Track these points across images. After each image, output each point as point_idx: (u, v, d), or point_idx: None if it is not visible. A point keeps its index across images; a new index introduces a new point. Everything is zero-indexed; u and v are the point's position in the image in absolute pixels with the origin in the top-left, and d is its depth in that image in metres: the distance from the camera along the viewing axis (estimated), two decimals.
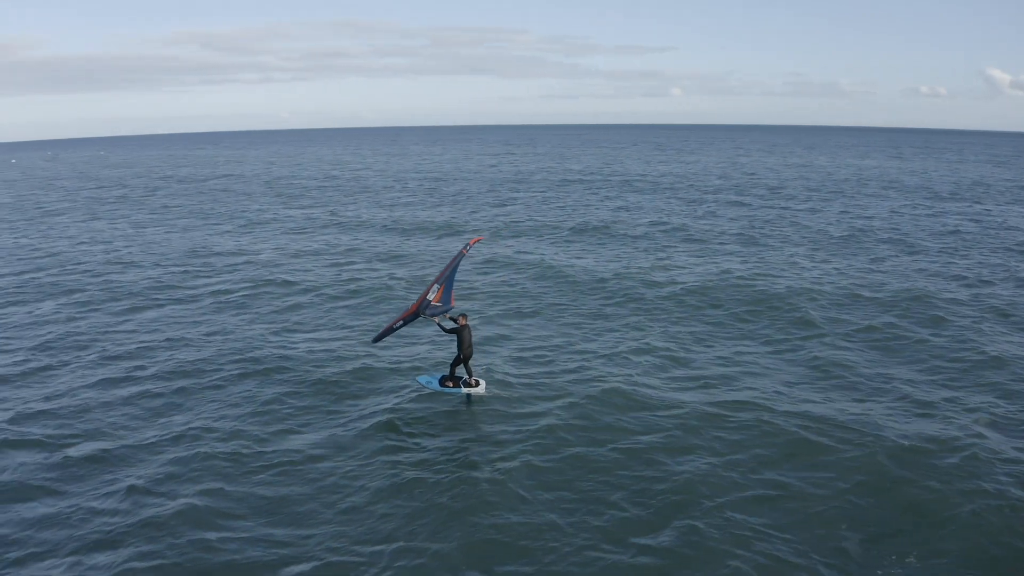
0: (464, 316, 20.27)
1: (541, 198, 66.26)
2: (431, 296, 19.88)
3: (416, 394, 20.67)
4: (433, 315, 20.03)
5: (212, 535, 14.16)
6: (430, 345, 24.91)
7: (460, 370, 20.63)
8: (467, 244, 20.95)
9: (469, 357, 20.22)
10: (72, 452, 17.85)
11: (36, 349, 25.76)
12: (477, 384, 20.48)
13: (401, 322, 20.28)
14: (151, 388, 21.80)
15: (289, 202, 68.13)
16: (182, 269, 38.21)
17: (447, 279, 20.18)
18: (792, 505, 14.96)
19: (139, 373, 23.02)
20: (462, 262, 21.19)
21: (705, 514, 14.52)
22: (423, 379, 20.97)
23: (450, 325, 20.20)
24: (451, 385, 20.42)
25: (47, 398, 21.20)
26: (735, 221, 51.09)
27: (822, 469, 16.26)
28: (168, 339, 26.24)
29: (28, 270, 39.23)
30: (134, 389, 21.73)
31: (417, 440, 18.26)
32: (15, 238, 50.99)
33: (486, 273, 35.69)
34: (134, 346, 25.62)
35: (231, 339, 26.00)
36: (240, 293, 32.63)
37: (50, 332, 27.51)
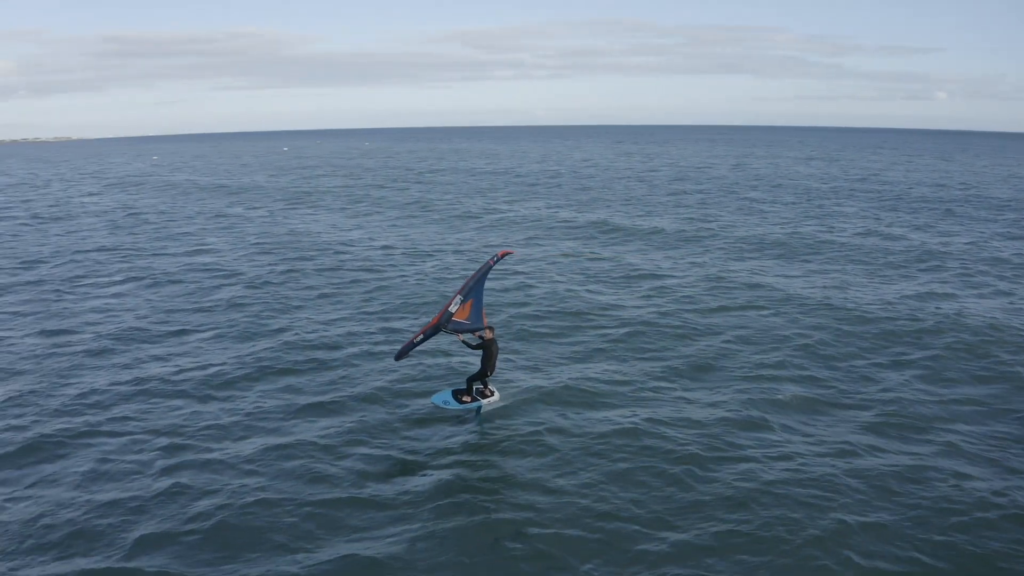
0: (491, 330, 19.19)
1: (764, 204, 64.70)
2: (453, 309, 18.69)
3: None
4: (458, 331, 19.03)
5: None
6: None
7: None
8: (495, 256, 19.58)
9: (492, 372, 19.33)
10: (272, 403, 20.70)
11: (270, 312, 29.73)
12: (492, 394, 19.74)
13: (421, 336, 18.92)
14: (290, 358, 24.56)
15: (518, 197, 70.99)
16: (396, 257, 41.64)
17: (475, 293, 19.02)
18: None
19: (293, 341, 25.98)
20: (489, 276, 19.95)
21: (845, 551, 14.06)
22: (439, 399, 19.72)
23: (475, 341, 19.22)
24: (468, 400, 19.42)
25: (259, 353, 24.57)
26: (993, 240, 46.96)
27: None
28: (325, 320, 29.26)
29: (280, 246, 44.35)
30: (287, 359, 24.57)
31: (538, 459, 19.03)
32: (269, 221, 57.45)
33: (683, 282, 35.64)
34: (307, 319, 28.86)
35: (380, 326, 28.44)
36: (423, 285, 34.92)
37: (284, 303, 31.49)
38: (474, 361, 21.42)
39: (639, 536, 14.38)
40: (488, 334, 18.92)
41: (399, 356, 19.37)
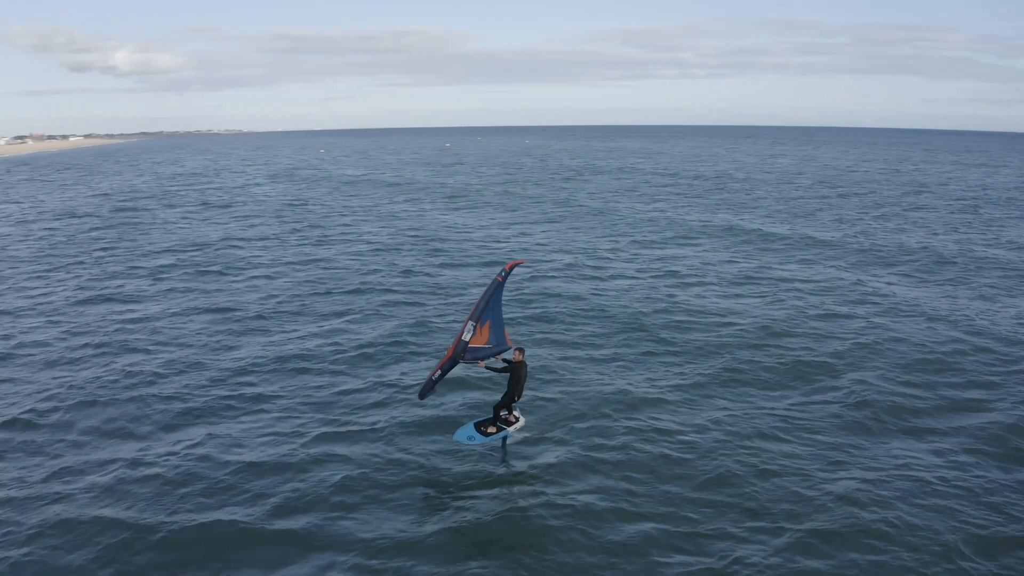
0: (520, 351, 17.21)
1: (913, 211, 60.81)
2: (467, 337, 16.70)
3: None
4: (478, 358, 17.08)
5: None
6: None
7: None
8: (503, 271, 17.38)
9: (519, 397, 17.47)
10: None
11: (421, 298, 30.42)
12: (517, 420, 17.89)
13: (439, 372, 17.14)
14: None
15: (664, 197, 70.18)
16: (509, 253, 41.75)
17: (489, 314, 17.11)
18: None
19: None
20: (503, 293, 17.72)
21: None
22: (462, 435, 17.55)
23: (501, 364, 17.36)
24: (493, 431, 17.42)
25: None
26: None
27: None
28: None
29: (435, 238, 45.47)
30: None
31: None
32: (426, 215, 58.97)
33: (818, 287, 33.82)
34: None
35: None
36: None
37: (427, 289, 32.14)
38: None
39: (743, 534, 14.12)
40: (517, 356, 17.07)
41: (422, 395, 17.66)
